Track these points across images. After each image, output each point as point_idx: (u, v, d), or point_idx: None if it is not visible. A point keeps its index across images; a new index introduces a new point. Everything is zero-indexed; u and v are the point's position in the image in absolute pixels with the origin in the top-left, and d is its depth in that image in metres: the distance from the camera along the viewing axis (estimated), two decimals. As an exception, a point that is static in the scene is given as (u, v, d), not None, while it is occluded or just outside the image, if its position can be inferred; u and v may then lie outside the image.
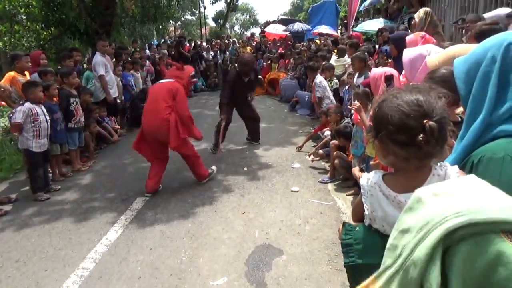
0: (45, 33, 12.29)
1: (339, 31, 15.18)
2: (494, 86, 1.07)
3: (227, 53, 14.99)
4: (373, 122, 1.26)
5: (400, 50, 3.16)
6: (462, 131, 1.18)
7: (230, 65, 12.96)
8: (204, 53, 14.38)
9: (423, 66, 2.25)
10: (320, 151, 5.33)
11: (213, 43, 16.36)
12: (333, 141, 4.80)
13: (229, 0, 35.74)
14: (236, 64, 6.20)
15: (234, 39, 19.77)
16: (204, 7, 38.54)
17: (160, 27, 20.33)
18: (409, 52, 2.49)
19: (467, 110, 1.16)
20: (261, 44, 16.19)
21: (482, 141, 1.10)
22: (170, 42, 16.05)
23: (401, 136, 1.14)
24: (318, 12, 16.42)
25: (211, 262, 3.04)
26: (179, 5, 20.40)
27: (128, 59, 8.95)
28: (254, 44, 16.45)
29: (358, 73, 5.40)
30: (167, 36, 25.26)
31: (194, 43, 16.04)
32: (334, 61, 7.82)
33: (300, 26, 16.59)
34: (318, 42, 12.51)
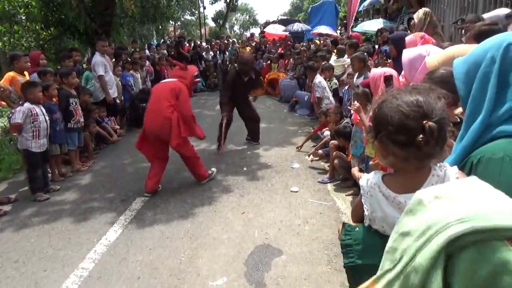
0: (45, 33, 12.28)
1: (339, 31, 15.19)
2: (494, 87, 1.07)
3: (227, 53, 15.00)
4: (373, 123, 1.26)
5: (400, 51, 3.16)
6: (462, 132, 1.18)
7: (230, 65, 12.97)
8: (204, 53, 14.39)
9: (422, 67, 2.25)
10: (320, 151, 5.33)
11: (213, 43, 16.37)
12: (333, 141, 4.80)
13: (229, 0, 35.74)
14: (236, 64, 6.19)
15: (234, 39, 19.77)
16: (204, 7, 38.55)
17: (160, 27, 20.36)
18: (409, 53, 2.49)
19: (467, 111, 1.16)
20: (261, 44, 16.20)
21: (482, 142, 1.10)
22: (170, 42, 16.05)
23: (401, 137, 1.14)
24: (318, 13, 16.43)
25: (211, 262, 3.04)
26: (179, 5, 20.38)
27: (128, 59, 8.95)
28: (254, 44, 16.46)
29: (358, 74, 5.40)
30: (167, 36, 25.27)
31: (194, 43, 16.04)
32: (334, 61, 7.82)
33: (300, 27, 16.60)
34: (318, 43, 12.52)
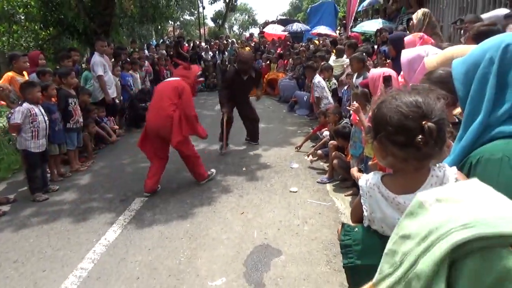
0: (44, 33, 12.26)
1: (338, 32, 15.21)
2: (493, 88, 1.07)
3: (226, 54, 15.01)
4: (372, 123, 1.26)
5: (399, 51, 3.16)
6: (460, 132, 1.18)
7: (229, 66, 12.95)
8: (203, 53, 14.40)
9: (421, 67, 2.25)
10: (319, 152, 5.33)
11: (212, 43, 16.39)
12: (332, 142, 4.81)
13: (228, 0, 35.75)
14: (235, 63, 6.15)
15: (233, 39, 19.81)
16: (203, 7, 38.51)
17: (159, 27, 20.34)
18: (407, 53, 2.49)
19: (465, 111, 1.16)
20: (260, 45, 16.20)
21: (480, 142, 1.10)
22: (169, 42, 16.05)
23: (400, 137, 1.14)
24: (317, 13, 16.46)
25: (210, 263, 3.04)
26: (178, 5, 20.35)
27: (127, 59, 8.95)
28: (253, 45, 16.46)
29: (357, 74, 5.41)
30: (166, 36, 25.26)
31: (193, 43, 16.05)
32: (333, 62, 7.82)
33: (299, 27, 16.62)
34: (317, 43, 12.53)
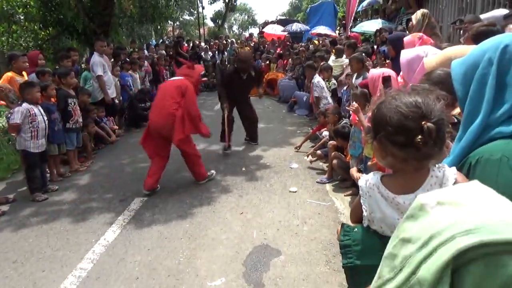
0: (43, 33, 12.25)
1: (338, 32, 15.23)
2: (492, 88, 1.08)
3: (226, 53, 15.02)
4: (372, 123, 1.27)
5: (398, 51, 3.17)
6: (460, 133, 1.18)
7: (229, 66, 12.95)
8: (203, 53, 14.40)
9: (420, 67, 2.26)
10: (318, 152, 5.33)
11: (212, 43, 16.40)
12: (331, 142, 4.81)
13: (228, 0, 35.75)
14: (234, 62, 6.14)
15: (233, 40, 19.80)
16: (203, 7, 38.53)
17: (158, 27, 20.34)
18: (407, 53, 2.49)
19: (465, 112, 1.17)
20: (260, 45, 16.21)
21: (480, 143, 1.11)
22: (169, 42, 16.06)
23: (400, 137, 1.14)
24: (317, 13, 16.48)
25: (209, 263, 3.04)
26: (177, 5, 20.36)
27: (126, 60, 8.94)
28: (253, 45, 16.48)
29: (357, 74, 5.41)
30: (166, 36, 25.28)
31: (193, 43, 16.05)
32: (332, 62, 7.82)
33: (299, 27, 16.65)
34: (317, 43, 12.54)
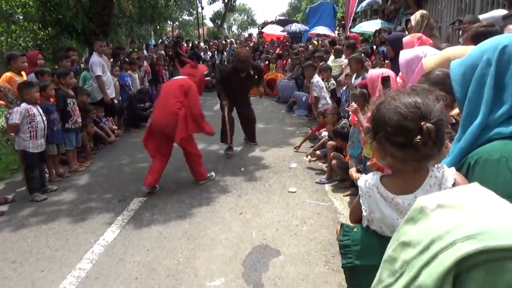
0: (42, 33, 12.25)
1: (337, 32, 15.24)
2: (491, 89, 1.08)
3: (225, 54, 15.02)
4: (371, 124, 1.27)
5: (397, 51, 3.17)
6: (459, 134, 1.18)
7: (227, 64, 12.96)
8: (202, 54, 14.39)
9: (419, 68, 2.26)
10: (318, 152, 5.34)
11: (211, 44, 16.40)
12: (330, 142, 4.81)
13: (227, 1, 35.77)
14: (233, 62, 6.05)
15: (232, 40, 19.82)
16: (202, 8, 38.60)
17: (158, 28, 20.36)
18: (406, 54, 2.50)
19: (463, 113, 1.17)
20: (259, 45, 16.22)
21: (479, 143, 1.11)
22: (168, 43, 16.05)
23: (399, 138, 1.15)
24: (316, 13, 16.49)
25: (208, 263, 3.04)
26: (177, 6, 20.38)
27: (126, 60, 8.93)
28: (252, 45, 16.48)
29: (356, 74, 5.41)
30: (165, 37, 25.27)
31: (192, 44, 16.04)
32: (331, 62, 7.82)
33: (298, 27, 16.66)
34: (316, 43, 12.55)
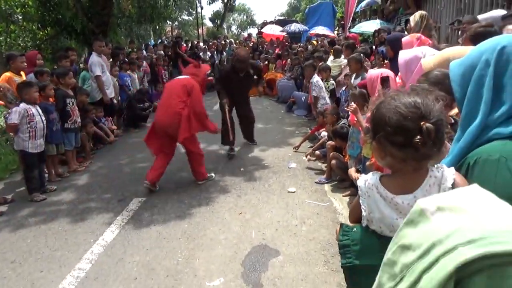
0: (41, 33, 12.24)
1: (336, 32, 15.25)
2: (489, 90, 1.08)
3: (224, 54, 15.02)
4: (371, 124, 1.27)
5: (396, 52, 3.17)
6: (458, 134, 1.18)
7: (227, 65, 12.92)
8: (201, 54, 14.37)
9: (418, 68, 2.26)
10: (317, 152, 5.34)
11: (210, 44, 16.40)
12: (330, 142, 4.81)
13: (226, 1, 35.78)
14: (232, 62, 5.96)
15: (231, 40, 19.82)
16: (201, 8, 38.61)
17: (157, 28, 20.34)
18: (405, 54, 2.50)
19: (462, 113, 1.17)
20: (258, 45, 16.22)
21: (478, 143, 1.11)
22: (167, 43, 16.04)
23: (399, 138, 1.15)
24: (315, 13, 16.49)
25: (208, 263, 3.04)
26: (176, 5, 20.36)
27: (125, 60, 8.93)
28: (251, 45, 16.49)
29: (355, 74, 5.42)
30: (164, 37, 25.24)
31: (191, 44, 16.03)
32: (330, 62, 7.83)
33: (297, 27, 16.67)
34: (315, 43, 12.55)
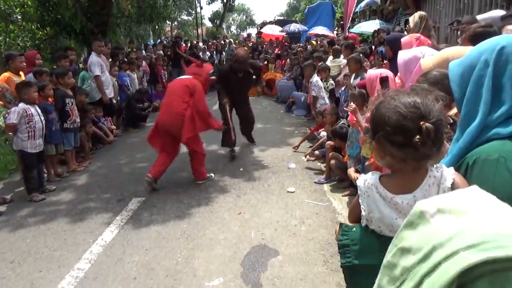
0: (41, 33, 12.23)
1: (336, 32, 15.26)
2: (489, 90, 1.08)
3: (224, 54, 15.02)
4: (371, 123, 1.27)
5: (395, 52, 3.17)
6: (457, 134, 1.19)
7: (225, 65, 12.92)
8: (201, 54, 14.37)
9: (417, 68, 2.27)
10: (316, 152, 5.34)
11: (210, 44, 16.40)
12: (329, 142, 4.82)
13: (226, 1, 35.78)
14: (231, 63, 5.87)
15: (231, 40, 19.83)
16: (201, 7, 38.57)
17: (156, 27, 20.34)
18: (404, 54, 2.50)
19: (461, 113, 1.17)
20: (258, 45, 16.22)
21: (477, 143, 1.11)
22: (166, 43, 16.03)
23: (398, 137, 1.15)
24: (315, 13, 16.51)
25: (207, 263, 3.04)
26: (176, 5, 20.35)
27: (124, 60, 8.92)
28: (251, 45, 16.49)
29: (355, 75, 5.42)
30: (163, 37, 25.22)
31: (191, 44, 16.03)
32: (330, 62, 7.84)
33: (297, 27, 16.68)
34: (315, 43, 12.56)
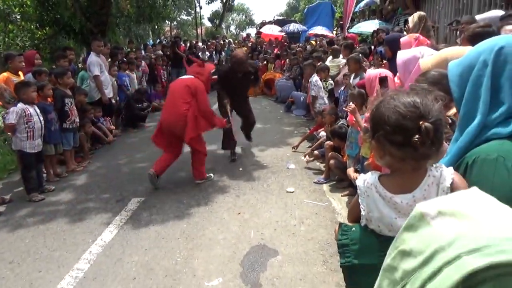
0: (40, 33, 12.21)
1: (335, 32, 15.27)
2: (488, 90, 1.09)
3: (223, 54, 15.02)
4: (370, 123, 1.27)
5: (394, 52, 3.18)
6: (456, 134, 1.19)
7: (224, 66, 12.93)
8: (200, 54, 14.37)
9: (416, 68, 2.27)
10: (316, 152, 5.34)
11: (209, 44, 16.39)
12: (328, 142, 4.82)
13: (225, 0, 35.78)
14: (230, 63, 5.86)
15: (230, 40, 19.83)
16: (200, 7, 38.57)
17: (156, 27, 20.32)
18: (403, 54, 2.50)
19: (460, 113, 1.18)
20: (257, 45, 16.22)
21: (476, 143, 1.12)
22: (166, 42, 16.02)
23: (398, 137, 1.16)
24: (314, 13, 16.52)
25: (206, 263, 3.04)
26: (175, 5, 20.36)
27: (124, 59, 8.92)
28: (250, 45, 16.49)
29: (354, 74, 5.43)
30: (163, 36, 25.21)
31: (190, 43, 16.02)
32: (329, 62, 7.83)
33: (296, 27, 16.68)
34: (314, 43, 12.56)
